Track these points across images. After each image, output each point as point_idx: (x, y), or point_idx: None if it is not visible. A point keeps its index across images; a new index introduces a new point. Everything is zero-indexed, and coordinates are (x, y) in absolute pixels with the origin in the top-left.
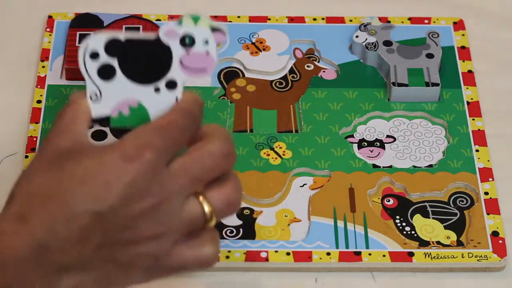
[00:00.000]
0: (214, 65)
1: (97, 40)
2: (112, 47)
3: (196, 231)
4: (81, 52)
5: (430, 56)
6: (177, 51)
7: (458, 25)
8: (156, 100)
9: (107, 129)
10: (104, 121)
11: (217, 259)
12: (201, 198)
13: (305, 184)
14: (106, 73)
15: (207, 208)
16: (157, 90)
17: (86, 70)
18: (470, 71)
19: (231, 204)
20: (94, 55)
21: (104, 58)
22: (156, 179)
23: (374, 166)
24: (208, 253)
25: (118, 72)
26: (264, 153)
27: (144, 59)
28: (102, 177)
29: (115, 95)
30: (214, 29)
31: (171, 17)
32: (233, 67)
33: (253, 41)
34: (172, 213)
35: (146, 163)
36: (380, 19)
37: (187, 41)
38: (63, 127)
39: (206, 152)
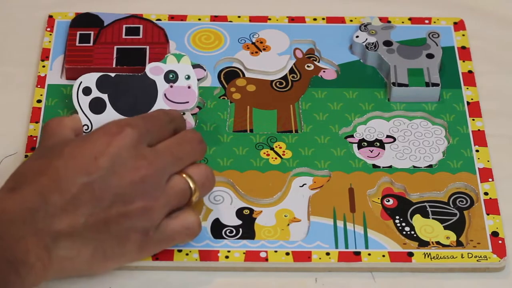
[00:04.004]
0: (195, 98)
1: (89, 78)
2: (103, 83)
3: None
4: (75, 88)
5: (430, 56)
6: (162, 85)
7: (459, 25)
8: None
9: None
10: None
11: (200, 226)
12: (184, 175)
13: (305, 184)
14: (97, 107)
15: (191, 183)
16: None
17: (79, 104)
18: (470, 71)
19: (209, 180)
20: (87, 91)
21: (95, 93)
22: (140, 154)
23: (374, 166)
24: (191, 220)
25: (108, 106)
26: (264, 153)
27: (132, 94)
28: (89, 152)
29: None
30: (194, 66)
31: (171, 17)
32: (233, 67)
33: (253, 41)
34: (159, 187)
35: (128, 136)
36: (381, 19)
37: (171, 77)
38: (50, 132)
39: (184, 136)
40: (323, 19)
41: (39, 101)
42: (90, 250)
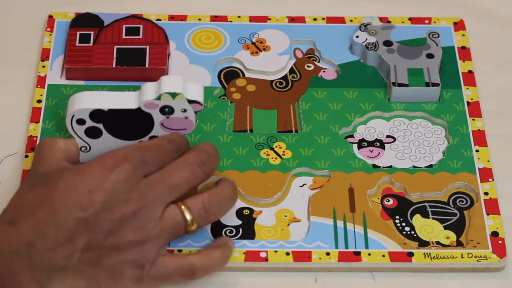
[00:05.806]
0: (193, 126)
1: (81, 111)
2: (96, 116)
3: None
4: (68, 120)
5: (430, 56)
6: (158, 117)
7: (459, 25)
8: None
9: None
10: None
11: (202, 270)
12: (182, 206)
13: (305, 184)
14: (93, 133)
15: (187, 215)
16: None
17: (75, 132)
18: (470, 71)
19: (210, 210)
20: (81, 122)
21: (90, 123)
22: (134, 187)
23: (374, 166)
24: (192, 261)
25: (105, 132)
26: (264, 153)
27: (127, 124)
28: (84, 186)
29: (103, 149)
30: (191, 101)
31: (171, 17)
32: (233, 67)
33: (253, 41)
34: (153, 219)
35: (123, 172)
36: (381, 19)
37: (167, 110)
38: (42, 156)
39: (183, 161)
40: (323, 19)
41: (39, 101)
42: (83, 285)
